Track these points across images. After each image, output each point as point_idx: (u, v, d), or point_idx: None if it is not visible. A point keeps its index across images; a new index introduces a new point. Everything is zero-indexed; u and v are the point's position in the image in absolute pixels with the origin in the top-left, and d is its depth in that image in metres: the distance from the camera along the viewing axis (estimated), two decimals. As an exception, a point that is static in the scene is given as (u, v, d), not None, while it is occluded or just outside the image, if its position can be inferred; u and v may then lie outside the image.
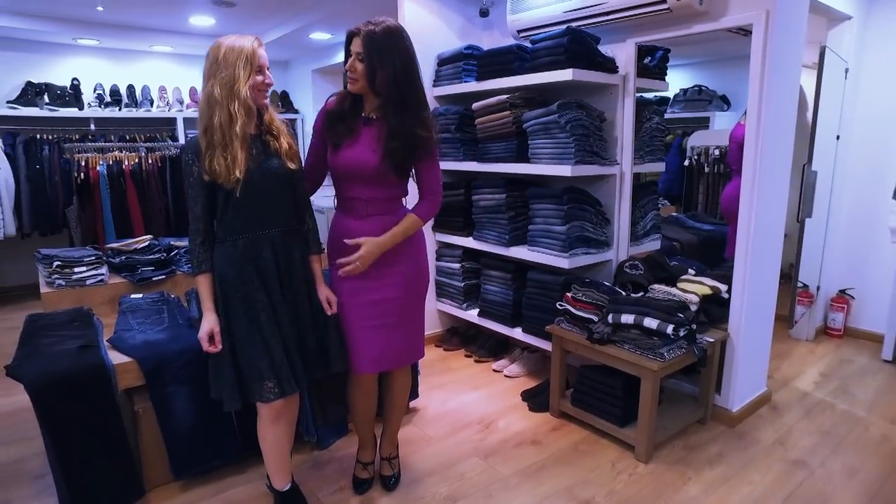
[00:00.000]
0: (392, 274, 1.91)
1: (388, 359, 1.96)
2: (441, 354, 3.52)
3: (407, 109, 1.79)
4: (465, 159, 3.24)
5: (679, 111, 3.86)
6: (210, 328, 1.65)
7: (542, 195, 2.83)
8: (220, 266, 1.68)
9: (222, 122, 1.56)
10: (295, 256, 1.79)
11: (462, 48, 3.18)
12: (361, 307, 1.89)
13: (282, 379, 1.71)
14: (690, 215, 3.92)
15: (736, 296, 2.50)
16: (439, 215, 3.47)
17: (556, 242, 2.77)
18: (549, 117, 2.66)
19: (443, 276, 3.57)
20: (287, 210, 1.78)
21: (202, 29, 4.76)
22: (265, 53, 1.66)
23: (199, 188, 1.62)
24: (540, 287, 2.92)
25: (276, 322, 1.71)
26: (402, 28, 1.80)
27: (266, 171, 1.69)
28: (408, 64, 1.77)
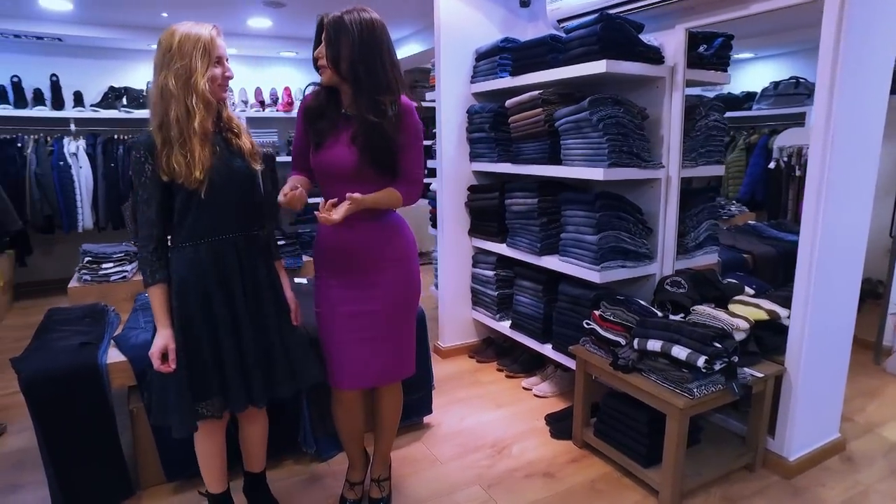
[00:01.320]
0: (378, 283, 1.77)
1: (371, 375, 1.82)
2: (472, 366, 3.34)
3: (362, 93, 1.65)
4: (499, 160, 3.03)
5: (767, 107, 3.40)
6: (164, 344, 1.52)
7: (573, 200, 2.57)
8: (179, 274, 1.56)
9: (179, 118, 1.46)
10: (259, 263, 1.69)
11: (498, 41, 2.97)
12: (344, 318, 1.77)
13: (230, 397, 1.62)
14: (773, 224, 3.45)
15: (796, 322, 2.11)
16: (474, 219, 3.31)
17: (587, 253, 2.50)
18: (580, 115, 2.39)
19: (477, 284, 3.39)
20: (251, 213, 1.68)
21: (261, 30, 4.88)
22: (224, 43, 1.56)
23: (153, 189, 1.50)
24: (571, 301, 2.66)
25: (237, 336, 1.62)
26: (366, 11, 1.65)
27: (231, 170, 1.59)
28: (366, 46, 1.61)
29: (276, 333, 1.71)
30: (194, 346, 1.56)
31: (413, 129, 1.74)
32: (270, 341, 1.69)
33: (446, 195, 3.31)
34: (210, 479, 1.78)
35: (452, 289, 3.43)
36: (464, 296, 3.47)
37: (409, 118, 1.72)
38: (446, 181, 3.29)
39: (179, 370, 1.55)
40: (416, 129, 1.76)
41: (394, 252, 1.79)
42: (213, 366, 1.58)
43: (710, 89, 3.03)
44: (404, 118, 1.70)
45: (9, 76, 4.62)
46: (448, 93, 3.20)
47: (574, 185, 2.77)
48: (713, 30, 2.46)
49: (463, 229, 3.38)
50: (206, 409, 1.63)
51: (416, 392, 2.53)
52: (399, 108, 1.68)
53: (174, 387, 1.55)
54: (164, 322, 1.54)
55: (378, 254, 1.77)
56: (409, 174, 1.77)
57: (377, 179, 1.71)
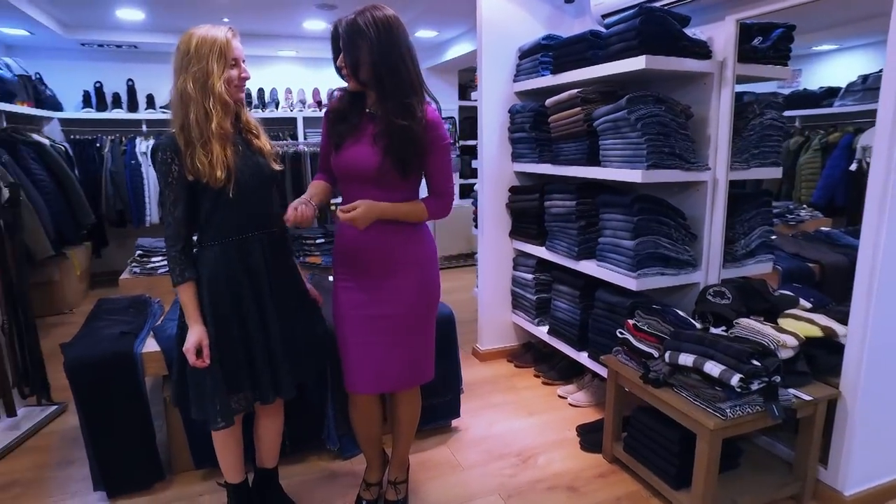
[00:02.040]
0: (396, 286, 1.75)
1: (387, 380, 1.80)
2: (509, 371, 3.27)
3: (387, 97, 1.63)
4: (540, 161, 2.95)
5: (853, 103, 3.11)
6: (198, 340, 1.55)
7: (610, 203, 2.46)
8: (209, 272, 1.59)
9: (199, 120, 1.49)
10: (282, 260, 1.72)
11: (540, 39, 2.89)
12: (360, 322, 1.76)
13: (260, 389, 1.67)
14: (849, 230, 3.16)
15: (853, 341, 1.91)
16: (515, 220, 3.24)
17: (623, 259, 2.38)
18: (618, 114, 2.28)
19: (517, 287, 3.32)
20: (271, 211, 1.71)
21: (316, 32, 5.00)
22: (240, 45, 1.59)
23: (179, 189, 1.53)
24: (607, 309, 2.54)
25: (266, 331, 1.66)
26: (380, 9, 1.60)
27: (255, 169, 1.63)
28: (386, 46, 1.58)
29: (300, 325, 1.75)
30: (226, 342, 1.60)
31: (441, 141, 1.71)
32: (295, 333, 1.73)
33: (487, 196, 3.26)
34: (228, 470, 1.83)
35: (492, 291, 3.38)
36: (504, 298, 3.41)
37: (438, 131, 1.69)
38: (487, 182, 3.24)
39: (214, 364, 1.59)
40: (445, 143, 1.72)
41: (411, 256, 1.77)
42: (245, 360, 1.63)
43: (785, 85, 2.81)
44: (432, 131, 1.67)
45: (92, 82, 4.99)
46: (490, 92, 3.14)
47: (616, 187, 2.65)
48: (771, 20, 2.27)
49: (504, 231, 3.32)
50: (237, 403, 1.68)
51: (442, 395, 2.51)
52: (427, 120, 1.65)
53: (210, 381, 1.59)
54: (197, 318, 1.57)
55: (395, 257, 1.75)
56: (437, 188, 1.75)
57: (399, 184, 1.69)
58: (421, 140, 1.64)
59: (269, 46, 5.31)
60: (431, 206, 1.76)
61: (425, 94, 1.69)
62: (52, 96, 4.80)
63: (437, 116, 1.72)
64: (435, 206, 1.77)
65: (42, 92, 4.65)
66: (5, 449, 2.45)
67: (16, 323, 2.54)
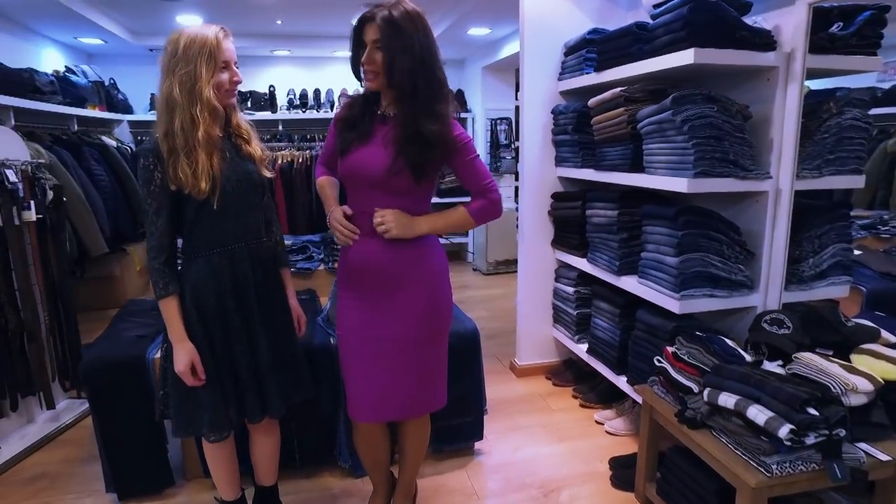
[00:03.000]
0: (402, 305, 1.61)
1: (391, 407, 1.67)
2: (547, 389, 3.06)
3: (418, 102, 1.51)
4: (582, 166, 2.72)
5: None
6: (189, 359, 1.48)
7: (653, 215, 2.20)
8: (193, 285, 1.52)
9: (184, 126, 1.42)
10: (271, 272, 1.64)
11: (585, 33, 2.66)
12: (364, 343, 1.63)
13: (246, 407, 1.59)
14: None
15: (944, 392, 1.58)
16: (557, 229, 3.02)
17: (666, 277, 2.12)
18: (662, 115, 2.03)
19: (558, 300, 3.10)
20: (260, 220, 1.63)
21: (370, 33, 4.96)
22: (232, 46, 1.50)
23: (163, 198, 1.45)
24: (648, 331, 2.29)
25: (252, 346, 1.58)
26: (420, 11, 1.50)
27: (243, 176, 1.54)
28: (428, 51, 1.49)
29: (288, 341, 1.67)
30: (210, 357, 1.53)
31: (461, 140, 1.57)
32: (284, 350, 1.64)
33: (528, 202, 3.07)
34: (221, 485, 1.77)
35: (532, 303, 3.18)
36: (544, 311, 3.20)
37: (458, 132, 1.57)
38: (529, 187, 3.04)
39: (210, 377, 1.53)
40: (465, 141, 1.59)
41: (419, 274, 1.63)
42: (229, 376, 1.56)
43: (887, 78, 2.45)
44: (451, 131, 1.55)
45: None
46: (533, 91, 2.95)
47: (665, 196, 2.38)
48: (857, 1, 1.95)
49: (546, 239, 3.11)
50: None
51: (463, 416, 2.35)
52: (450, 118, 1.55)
53: (205, 395, 1.53)
54: (182, 335, 1.50)
55: (402, 275, 1.61)
56: (475, 187, 1.62)
57: (411, 189, 1.56)
58: (449, 145, 1.53)
59: (324, 47, 5.34)
60: (474, 208, 1.62)
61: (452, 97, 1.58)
62: (124, 100, 5.06)
63: (455, 118, 1.60)
64: (478, 208, 1.62)
65: (114, 96, 4.91)
66: (43, 440, 2.55)
67: (57, 318, 2.64)
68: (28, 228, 2.47)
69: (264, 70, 5.56)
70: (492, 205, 1.62)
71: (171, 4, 4.00)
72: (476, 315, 4.43)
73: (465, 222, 1.64)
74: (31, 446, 2.50)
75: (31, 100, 3.49)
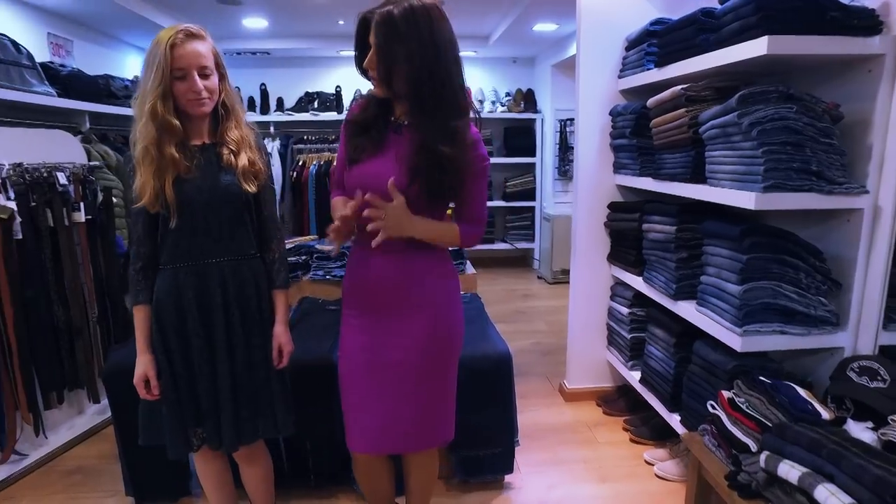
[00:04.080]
0: (404, 330, 1.46)
1: (390, 439, 1.51)
2: (596, 417, 2.78)
3: (427, 116, 1.34)
4: (641, 174, 2.43)
5: None
6: (143, 371, 1.45)
7: (715, 234, 1.89)
8: (157, 297, 1.46)
9: (134, 141, 1.38)
10: (248, 292, 1.51)
11: (648, 25, 2.36)
12: (363, 368, 1.49)
13: (207, 432, 1.50)
14: None
15: None
16: (614, 243, 2.74)
17: (727, 307, 1.81)
18: (726, 117, 1.72)
19: (612, 321, 2.81)
20: (243, 236, 1.51)
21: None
22: (196, 48, 1.36)
23: (139, 206, 1.41)
24: (705, 368, 1.98)
25: (212, 369, 1.48)
26: (431, 6, 1.31)
27: (213, 189, 1.44)
28: (430, 50, 1.29)
29: (264, 369, 1.54)
30: (168, 374, 1.47)
31: (480, 162, 1.42)
32: (254, 378, 1.53)
33: (583, 212, 2.80)
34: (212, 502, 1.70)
35: (584, 322, 2.91)
36: (598, 332, 2.92)
37: (477, 150, 1.41)
38: (583, 195, 2.78)
39: (167, 394, 1.47)
40: (484, 164, 1.43)
41: (425, 294, 1.47)
42: (189, 397, 1.48)
43: None
44: (471, 151, 1.38)
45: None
46: (589, 90, 2.68)
47: (734, 211, 2.04)
48: None
49: (601, 253, 2.83)
50: (196, 437, 1.54)
51: (490, 447, 2.16)
52: (471, 138, 1.39)
53: (165, 412, 1.49)
54: (143, 348, 1.47)
55: (405, 294, 1.46)
56: (472, 214, 1.48)
57: (426, 208, 1.41)
58: (465, 168, 1.37)
59: (391, 47, 5.29)
60: (465, 233, 1.48)
61: (472, 110, 1.41)
62: (199, 101, 5.28)
63: (478, 134, 1.43)
64: (468, 234, 1.49)
65: (190, 98, 5.13)
66: (88, 432, 2.64)
67: (105, 316, 2.72)
68: (78, 229, 2.56)
69: (331, 71, 5.59)
70: (478, 236, 1.54)
71: (237, 9, 4.08)
72: (533, 328, 4.20)
73: (453, 241, 1.49)
74: (77, 438, 2.60)
75: (105, 104, 3.67)
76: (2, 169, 2.26)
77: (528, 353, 3.64)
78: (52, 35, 3.76)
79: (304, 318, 2.44)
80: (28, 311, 2.35)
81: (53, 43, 3.78)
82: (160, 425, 1.51)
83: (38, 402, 2.43)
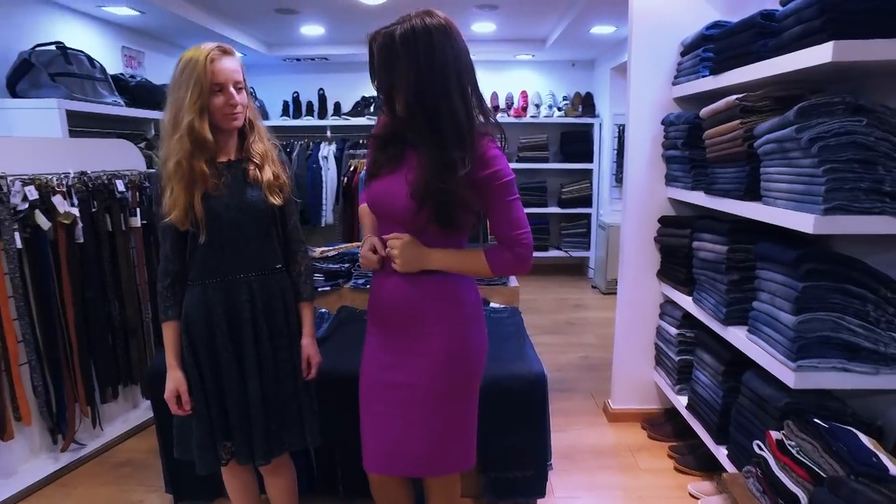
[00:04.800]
0: (419, 351, 1.42)
1: (401, 462, 1.47)
2: (640, 441, 2.64)
3: (423, 142, 1.31)
4: (693, 187, 2.28)
5: None
6: (174, 387, 1.47)
7: (769, 257, 1.73)
8: (187, 313, 1.48)
9: (166, 158, 1.39)
10: (276, 305, 1.52)
11: (704, 28, 2.21)
12: (378, 387, 1.48)
13: (235, 446, 1.51)
14: None
15: None
16: (664, 259, 2.59)
17: (780, 338, 1.65)
18: (783, 131, 1.57)
19: (660, 341, 2.67)
20: (269, 250, 1.52)
21: (487, 35, 4.78)
22: (230, 65, 1.39)
23: (168, 223, 1.43)
24: (755, 402, 1.82)
25: (242, 384, 1.49)
26: (436, 26, 1.25)
27: (241, 205, 1.45)
28: (426, 75, 1.24)
29: (292, 382, 1.55)
30: (199, 389, 1.49)
31: (499, 179, 1.32)
32: (284, 390, 1.54)
33: (631, 225, 2.67)
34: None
35: (630, 340, 2.78)
36: (645, 351, 2.78)
37: (494, 167, 1.32)
38: (632, 208, 2.65)
39: (197, 408, 1.50)
40: (504, 181, 1.33)
41: (440, 317, 1.42)
42: (218, 412, 1.50)
43: None
44: (486, 168, 1.31)
45: (290, 93, 5.57)
46: (641, 97, 2.55)
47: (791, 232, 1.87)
48: None
49: (650, 269, 2.68)
50: (224, 451, 1.57)
51: (521, 469, 2.08)
52: (484, 156, 1.30)
53: (195, 427, 1.51)
54: (173, 363, 1.49)
55: (420, 316, 1.42)
56: (502, 236, 1.38)
57: (439, 235, 1.38)
58: (465, 198, 1.30)
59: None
60: (495, 258, 1.38)
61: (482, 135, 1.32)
62: (260, 107, 5.47)
63: (496, 151, 1.34)
64: (501, 262, 1.39)
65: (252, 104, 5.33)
66: (141, 426, 2.78)
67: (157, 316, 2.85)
68: (134, 233, 2.69)
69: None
70: (517, 261, 1.37)
71: (295, 17, 4.18)
72: (582, 341, 4.06)
73: (482, 271, 1.40)
74: (130, 431, 2.74)
75: (170, 111, 3.86)
76: (68, 177, 2.41)
77: (574, 368, 3.52)
78: (126, 48, 4.00)
79: (341, 327, 2.45)
80: (87, 311, 2.50)
81: (127, 55, 4.02)
82: (191, 440, 1.54)
83: (95, 396, 2.58)
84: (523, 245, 1.36)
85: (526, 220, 1.37)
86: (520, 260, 1.37)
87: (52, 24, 3.32)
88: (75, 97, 2.91)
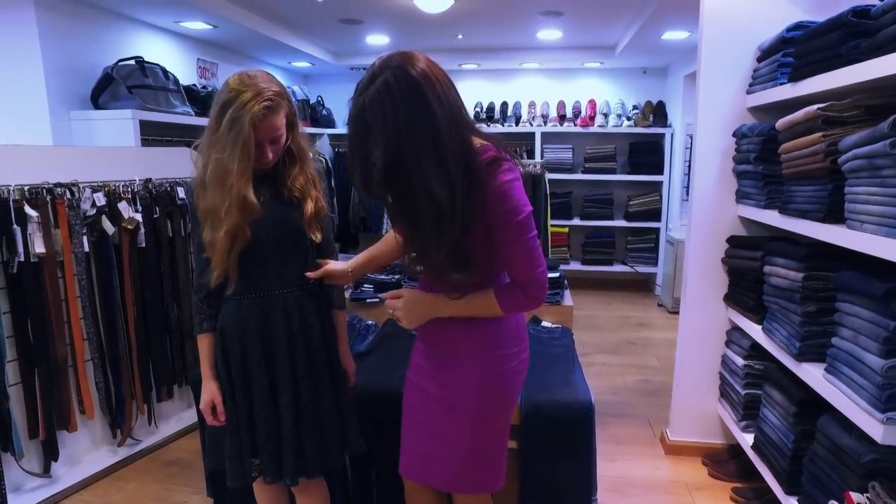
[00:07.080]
0: (450, 369, 1.39)
1: (428, 471, 1.45)
2: (699, 478, 2.43)
3: (402, 211, 1.27)
4: (766, 206, 2.07)
5: None
6: (210, 398, 1.47)
7: (852, 289, 1.52)
8: (222, 326, 1.47)
9: (207, 209, 1.35)
10: (311, 321, 1.49)
11: (784, 30, 2.00)
12: (414, 390, 1.48)
13: (263, 463, 1.48)
14: None
15: None
16: (731, 283, 2.39)
17: (865, 382, 1.44)
18: (875, 146, 1.37)
19: (725, 371, 2.45)
20: (304, 266, 1.49)
21: (554, 42, 4.65)
22: (275, 122, 1.32)
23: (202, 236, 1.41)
24: (833, 452, 1.60)
25: (273, 403, 1.47)
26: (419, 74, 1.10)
27: (276, 224, 1.43)
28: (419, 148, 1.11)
29: (331, 394, 1.53)
30: (231, 402, 1.49)
31: (513, 217, 1.20)
32: (323, 404, 1.51)
33: (696, 242, 2.47)
34: None
35: (692, 367, 2.57)
36: (708, 380, 2.56)
37: (507, 203, 1.19)
38: (698, 225, 2.46)
39: (231, 421, 1.50)
40: (518, 219, 1.20)
41: (470, 343, 1.37)
42: (247, 427, 1.48)
43: None
44: (498, 205, 1.19)
45: (356, 102, 5.67)
46: (710, 106, 2.36)
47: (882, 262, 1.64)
48: None
49: (716, 293, 2.47)
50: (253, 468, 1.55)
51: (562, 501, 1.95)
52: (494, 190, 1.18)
53: (226, 440, 1.51)
54: (208, 374, 1.49)
55: (453, 338, 1.38)
56: (515, 275, 1.28)
57: None
58: (462, 253, 1.21)
59: (511, 59, 5.21)
60: (507, 300, 1.29)
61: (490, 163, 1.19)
62: (327, 115, 5.60)
63: (507, 177, 1.19)
64: (511, 300, 1.29)
65: (318, 112, 5.46)
66: (193, 425, 2.86)
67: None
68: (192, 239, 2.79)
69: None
70: (530, 301, 1.28)
71: (359, 27, 4.24)
72: (643, 363, 3.83)
73: (493, 312, 1.30)
74: (182, 430, 2.83)
75: (237, 120, 4.01)
76: (133, 184, 2.53)
77: (631, 392, 3.32)
78: (201, 60, 4.20)
79: (384, 341, 2.41)
80: (147, 312, 2.61)
81: (201, 67, 4.22)
82: (223, 451, 1.53)
83: (151, 394, 2.69)
84: (538, 286, 1.26)
85: (542, 258, 1.27)
86: (532, 300, 1.28)
87: (134, 40, 3.53)
88: (148, 107, 3.07)
